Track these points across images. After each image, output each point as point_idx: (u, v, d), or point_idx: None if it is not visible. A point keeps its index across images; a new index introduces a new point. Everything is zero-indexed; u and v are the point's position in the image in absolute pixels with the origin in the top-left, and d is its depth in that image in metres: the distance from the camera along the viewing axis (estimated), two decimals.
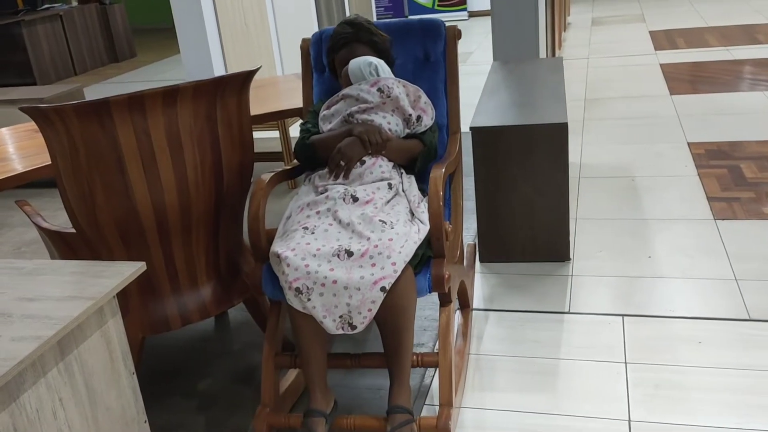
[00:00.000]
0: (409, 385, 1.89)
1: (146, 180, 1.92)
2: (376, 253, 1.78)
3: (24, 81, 7.89)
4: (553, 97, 3.01)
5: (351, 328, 1.77)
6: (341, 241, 1.82)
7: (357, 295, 1.75)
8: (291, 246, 1.82)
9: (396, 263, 1.78)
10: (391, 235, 1.82)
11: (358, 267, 1.77)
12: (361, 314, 1.76)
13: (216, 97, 1.99)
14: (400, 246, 1.81)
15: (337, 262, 1.78)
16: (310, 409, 1.85)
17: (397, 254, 1.79)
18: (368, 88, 2.15)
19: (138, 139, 1.88)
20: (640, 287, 2.62)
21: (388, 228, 1.85)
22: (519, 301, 2.61)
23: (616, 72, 5.83)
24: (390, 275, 1.76)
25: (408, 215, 1.97)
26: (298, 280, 1.77)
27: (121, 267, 1.54)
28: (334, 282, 1.75)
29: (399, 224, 1.88)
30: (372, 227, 1.85)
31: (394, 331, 1.85)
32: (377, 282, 1.75)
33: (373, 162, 2.04)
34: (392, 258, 1.78)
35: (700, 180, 3.51)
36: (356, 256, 1.78)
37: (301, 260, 1.78)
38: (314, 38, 2.45)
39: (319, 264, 1.78)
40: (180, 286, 2.11)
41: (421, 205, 2.01)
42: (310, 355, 1.86)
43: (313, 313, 1.77)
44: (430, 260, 1.93)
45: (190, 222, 2.04)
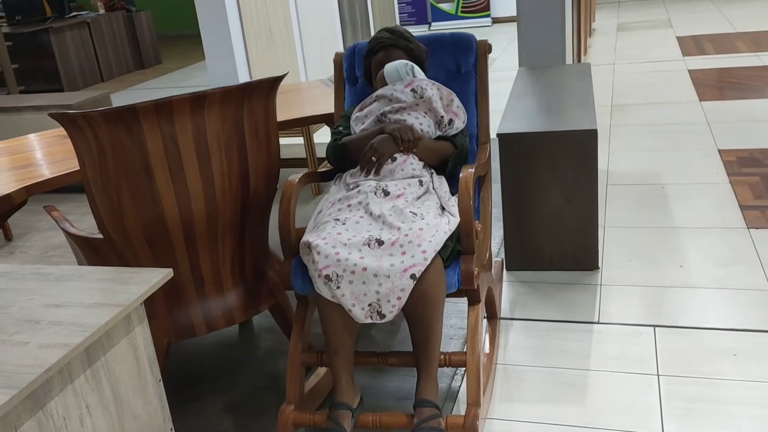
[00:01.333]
0: (436, 379, 1.86)
1: (173, 186, 1.92)
2: (406, 241, 1.77)
3: (52, 87, 8.00)
4: (582, 104, 2.97)
5: (380, 316, 1.75)
6: (372, 232, 1.82)
7: (387, 282, 1.73)
8: (322, 236, 1.82)
9: (426, 251, 1.76)
10: (421, 225, 1.81)
11: (388, 255, 1.76)
12: (390, 302, 1.74)
13: (243, 103, 1.99)
14: (430, 235, 1.80)
15: (368, 251, 1.77)
16: (336, 402, 1.83)
17: (428, 243, 1.77)
18: (402, 88, 2.15)
19: (165, 145, 1.88)
20: (672, 297, 2.56)
21: (418, 219, 1.84)
22: (547, 311, 2.57)
23: (643, 78, 5.75)
24: (420, 263, 1.75)
25: (438, 209, 1.96)
26: (328, 268, 1.76)
27: (148, 274, 1.53)
28: (363, 269, 1.74)
29: (429, 216, 1.87)
30: (403, 218, 1.84)
31: (423, 321, 1.82)
32: (407, 270, 1.74)
33: (404, 159, 2.04)
34: (422, 246, 1.76)
35: (732, 188, 3.43)
36: (386, 244, 1.77)
37: (332, 248, 1.78)
38: (348, 51, 2.48)
39: (349, 252, 1.77)
40: (205, 292, 2.10)
41: (451, 200, 2.01)
42: (338, 343, 1.84)
43: (342, 302, 1.75)
44: (460, 256, 1.91)
45: (216, 228, 2.03)
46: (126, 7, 9.31)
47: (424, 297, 1.78)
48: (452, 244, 1.88)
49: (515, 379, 2.21)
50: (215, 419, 2.16)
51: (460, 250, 1.91)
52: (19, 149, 2.91)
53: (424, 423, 1.75)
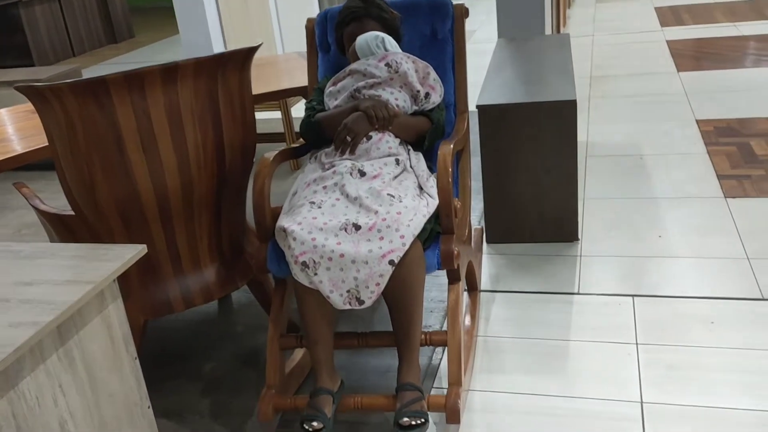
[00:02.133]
0: (418, 362, 1.85)
1: (146, 160, 1.87)
2: (384, 226, 1.74)
3: (22, 63, 7.81)
4: (561, 74, 2.95)
5: (358, 303, 1.73)
6: (348, 216, 1.78)
7: (365, 268, 1.71)
8: (297, 220, 1.79)
9: (404, 236, 1.74)
10: (399, 208, 1.78)
11: (365, 240, 1.73)
12: (369, 288, 1.72)
13: (217, 74, 1.94)
14: (408, 219, 1.77)
15: (345, 236, 1.74)
16: (317, 387, 1.82)
17: (406, 227, 1.75)
18: (376, 62, 2.10)
19: (137, 118, 1.83)
20: (651, 267, 2.58)
21: (396, 201, 1.81)
22: (527, 282, 2.57)
23: (621, 49, 5.74)
24: (398, 248, 1.72)
25: (416, 190, 1.93)
26: (305, 254, 1.73)
27: (121, 250, 1.49)
28: (341, 256, 1.71)
29: (407, 198, 1.84)
30: (380, 201, 1.81)
31: (403, 306, 1.81)
32: (385, 255, 1.71)
33: (379, 137, 2.00)
34: (400, 231, 1.74)
35: (710, 158, 3.45)
36: (364, 229, 1.74)
37: (308, 234, 1.74)
38: (319, 18, 2.41)
39: (326, 238, 1.74)
40: (182, 268, 2.06)
41: (430, 180, 1.97)
42: (317, 332, 1.82)
43: (320, 288, 1.73)
44: (439, 236, 1.89)
45: (192, 203, 1.99)
46: None
47: (403, 282, 1.76)
48: (431, 225, 1.86)
49: (496, 351, 2.21)
50: (195, 396, 2.14)
51: (439, 231, 1.88)
52: None
53: (406, 407, 1.74)
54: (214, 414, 2.05)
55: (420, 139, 2.11)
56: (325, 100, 2.16)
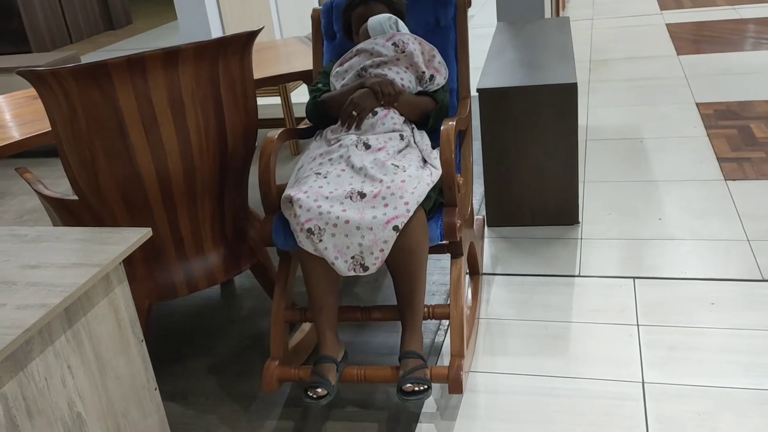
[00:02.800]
0: (421, 331, 1.87)
1: (148, 145, 1.88)
2: (388, 193, 1.76)
3: (19, 49, 7.77)
4: (561, 58, 2.94)
5: (363, 269, 1.75)
6: (354, 185, 1.81)
7: (369, 234, 1.72)
8: (303, 189, 1.81)
9: (408, 203, 1.75)
10: (403, 177, 1.80)
11: (370, 207, 1.75)
12: (374, 254, 1.73)
13: (218, 58, 1.94)
14: (412, 187, 1.79)
15: (350, 204, 1.76)
16: (321, 355, 1.83)
17: (410, 194, 1.77)
18: (383, 42, 2.12)
19: (139, 102, 1.83)
20: (651, 249, 2.59)
21: (400, 171, 1.83)
22: (528, 265, 2.58)
23: (621, 33, 5.72)
24: (402, 215, 1.74)
25: (420, 162, 1.94)
26: (310, 221, 1.75)
27: (127, 233, 1.50)
28: (346, 222, 1.73)
29: (411, 168, 1.86)
30: (384, 170, 1.83)
31: (407, 273, 1.82)
32: (390, 221, 1.73)
33: (385, 113, 2.01)
34: (405, 198, 1.76)
35: (710, 141, 3.45)
36: (369, 197, 1.76)
37: (314, 201, 1.76)
38: (325, 7, 2.43)
39: (331, 205, 1.76)
40: (186, 252, 2.07)
41: (433, 153, 1.99)
42: (322, 299, 1.84)
43: (325, 255, 1.74)
44: (442, 208, 1.90)
45: (194, 187, 2.00)
46: None
47: (408, 249, 1.77)
48: (435, 195, 1.87)
49: (498, 333, 2.22)
50: (200, 379, 2.16)
51: (442, 203, 1.90)
52: None
53: (409, 374, 1.76)
54: (220, 396, 2.07)
55: (424, 119, 2.12)
56: (331, 81, 2.17)
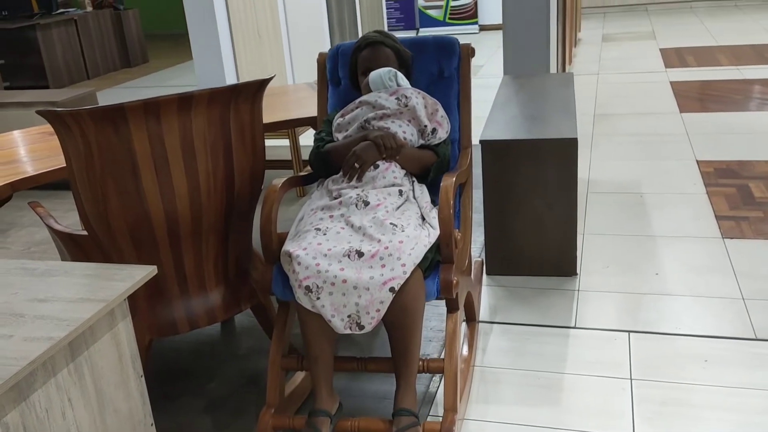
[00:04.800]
0: (415, 388, 1.89)
1: (159, 186, 1.94)
2: (386, 254, 1.80)
3: (38, 84, 7.96)
4: (563, 112, 3.02)
5: (359, 328, 1.78)
6: (352, 243, 1.85)
7: (366, 295, 1.76)
8: (303, 245, 1.85)
9: (405, 264, 1.79)
10: (401, 237, 1.85)
11: (368, 267, 1.79)
12: (370, 314, 1.77)
13: (230, 104, 2.02)
14: (410, 248, 1.83)
15: (348, 262, 1.80)
16: (315, 409, 1.86)
17: (407, 256, 1.81)
18: (387, 96, 2.19)
19: (152, 144, 1.91)
20: (647, 304, 2.62)
21: (398, 231, 1.87)
22: (525, 315, 2.62)
23: (625, 88, 5.84)
24: (399, 276, 1.78)
25: (418, 220, 1.99)
26: (309, 279, 1.79)
27: (132, 270, 1.55)
28: (343, 281, 1.77)
29: (410, 227, 1.90)
30: (383, 230, 1.87)
31: (403, 332, 1.86)
32: (386, 282, 1.77)
33: (386, 167, 2.07)
34: (402, 259, 1.80)
35: (709, 198, 3.51)
36: (366, 256, 1.80)
37: (312, 259, 1.80)
38: (331, 53, 2.50)
39: (329, 263, 1.80)
40: (188, 290, 2.12)
41: (432, 211, 2.04)
42: (318, 354, 1.87)
43: (322, 312, 1.78)
44: (439, 266, 1.95)
45: (200, 228, 2.06)
46: (114, 5, 9.28)
47: (404, 309, 1.81)
48: (432, 255, 1.91)
49: (492, 381, 2.25)
50: (196, 416, 2.18)
51: (439, 260, 1.94)
52: (3, 145, 2.91)
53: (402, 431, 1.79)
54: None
55: (425, 172, 2.18)
56: (333, 133, 2.23)
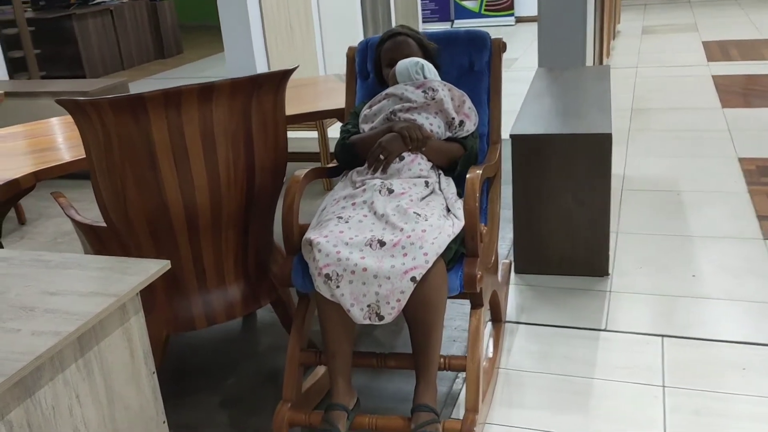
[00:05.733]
0: (435, 384, 1.83)
1: (178, 177, 1.91)
2: (408, 243, 1.75)
3: (74, 74, 8.06)
4: (598, 106, 2.92)
5: (378, 318, 1.73)
6: (374, 232, 1.80)
7: (386, 284, 1.71)
8: (324, 233, 1.81)
9: (428, 254, 1.74)
10: (424, 226, 1.79)
11: (389, 256, 1.74)
12: (390, 304, 1.72)
13: (252, 95, 1.97)
14: (433, 237, 1.77)
15: (369, 251, 1.76)
16: (332, 403, 1.81)
17: (430, 245, 1.75)
18: (413, 88, 2.13)
19: (171, 135, 1.87)
20: (682, 307, 2.52)
21: (422, 220, 1.82)
22: (553, 316, 2.53)
23: (665, 82, 5.67)
24: (421, 266, 1.72)
25: (443, 211, 1.93)
26: (329, 266, 1.75)
27: (146, 264, 1.52)
28: (364, 270, 1.72)
29: (433, 217, 1.84)
30: (406, 219, 1.82)
31: (423, 326, 1.80)
32: (408, 272, 1.71)
33: (411, 159, 2.01)
34: (424, 248, 1.74)
35: (750, 197, 3.36)
36: (388, 245, 1.75)
37: (333, 247, 1.76)
38: (360, 46, 2.46)
39: (350, 252, 1.76)
40: (207, 285, 2.09)
41: (458, 203, 1.98)
42: (336, 346, 1.83)
43: (341, 301, 1.74)
44: (463, 258, 1.88)
45: (219, 221, 2.02)
46: None
47: (425, 300, 1.75)
48: (456, 246, 1.85)
49: (517, 384, 2.17)
50: (212, 412, 2.15)
51: (463, 253, 1.88)
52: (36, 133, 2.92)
53: (420, 428, 1.73)
54: (231, 431, 2.06)
55: (452, 165, 2.12)
56: (359, 123, 2.19)
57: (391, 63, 2.25)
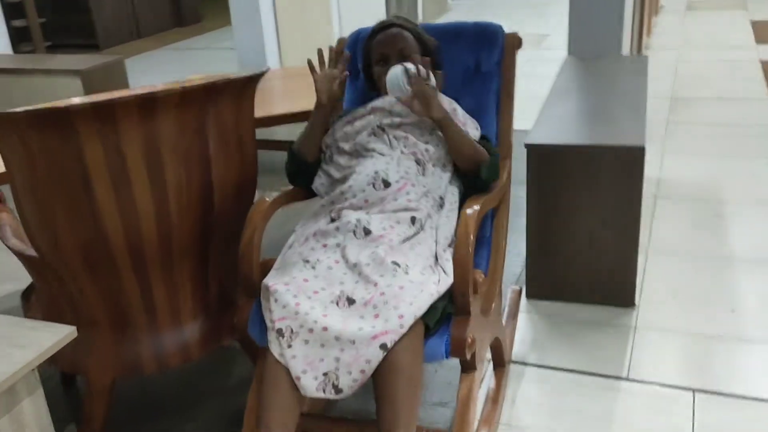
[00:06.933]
0: None
1: (117, 203, 1.60)
2: (381, 302, 1.43)
3: (86, 43, 7.79)
4: (632, 109, 2.53)
5: (335, 391, 1.42)
6: (345, 285, 1.50)
7: (350, 349, 1.41)
8: (285, 280, 1.52)
9: (404, 317, 1.42)
10: (402, 281, 1.47)
11: (357, 317, 1.44)
12: (351, 375, 1.41)
13: (208, 106, 1.65)
14: (411, 296, 1.45)
15: (334, 310, 1.46)
16: None
17: (407, 306, 1.43)
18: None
19: (107, 154, 1.56)
20: (719, 353, 2.16)
21: (401, 272, 1.49)
22: (567, 356, 2.20)
23: (709, 67, 5.19)
24: (394, 330, 1.41)
25: (430, 259, 1.60)
26: (283, 320, 1.46)
27: (46, 332, 1.22)
28: (324, 329, 1.42)
29: (415, 269, 1.52)
30: (382, 270, 1.49)
31: (391, 399, 1.45)
32: (377, 337, 1.41)
33: (399, 187, 1.68)
34: (400, 310, 1.42)
35: None
36: (358, 303, 1.45)
37: (293, 297, 1.47)
38: (351, 38, 2.11)
39: (311, 306, 1.46)
40: (158, 323, 1.79)
41: (447, 252, 1.63)
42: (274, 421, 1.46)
43: (291, 365, 1.44)
44: (451, 317, 1.56)
45: (171, 251, 1.72)
46: None
47: (396, 372, 1.43)
48: (443, 304, 1.52)
49: None
50: None
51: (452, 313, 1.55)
52: None
53: None
54: None
55: (473, 169, 1.76)
56: (334, 142, 1.84)
57: (382, 60, 1.90)
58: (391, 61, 1.88)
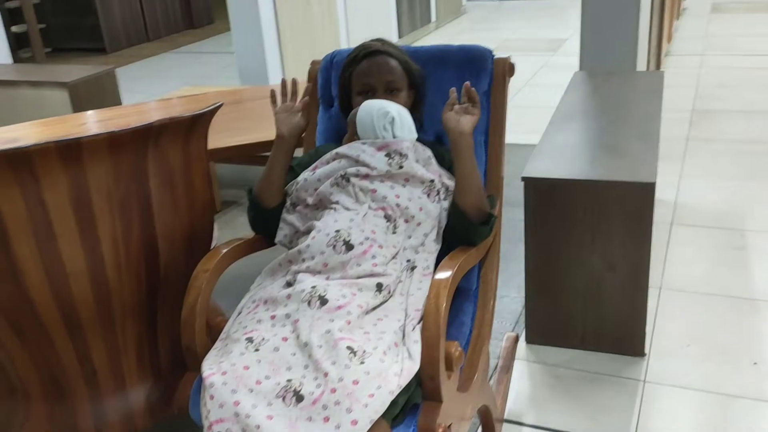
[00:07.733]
0: None
1: (42, 260, 1.41)
2: (332, 401, 1.22)
3: (93, 46, 7.67)
4: (643, 136, 2.29)
5: None
6: (293, 372, 1.28)
7: None
8: (223, 368, 1.31)
9: (358, 422, 1.21)
10: (357, 374, 1.25)
11: (305, 420, 1.23)
12: None
13: (146, 148, 1.45)
14: (367, 394, 1.24)
15: (280, 407, 1.24)
16: None
17: (361, 408, 1.22)
18: (374, 150, 1.57)
19: (28, 207, 1.37)
20: (739, 416, 1.92)
21: (356, 362, 1.27)
22: (569, 417, 1.97)
23: (734, 75, 4.89)
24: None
25: (397, 336, 1.38)
26: (221, 423, 1.25)
27: None
28: None
29: (374, 356, 1.30)
30: (334, 356, 1.28)
31: None
32: None
33: (363, 250, 1.46)
34: (353, 414, 1.21)
35: None
36: (306, 402, 1.24)
37: (231, 393, 1.26)
38: (324, 62, 1.90)
39: (254, 405, 1.25)
40: (100, 390, 1.60)
41: (416, 331, 1.40)
42: None
43: None
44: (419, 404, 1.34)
45: (110, 311, 1.52)
46: None
47: None
48: (409, 393, 1.30)
49: None
50: None
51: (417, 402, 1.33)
52: None
53: None
54: None
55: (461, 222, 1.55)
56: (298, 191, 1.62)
57: (365, 91, 1.69)
58: (377, 94, 1.67)
